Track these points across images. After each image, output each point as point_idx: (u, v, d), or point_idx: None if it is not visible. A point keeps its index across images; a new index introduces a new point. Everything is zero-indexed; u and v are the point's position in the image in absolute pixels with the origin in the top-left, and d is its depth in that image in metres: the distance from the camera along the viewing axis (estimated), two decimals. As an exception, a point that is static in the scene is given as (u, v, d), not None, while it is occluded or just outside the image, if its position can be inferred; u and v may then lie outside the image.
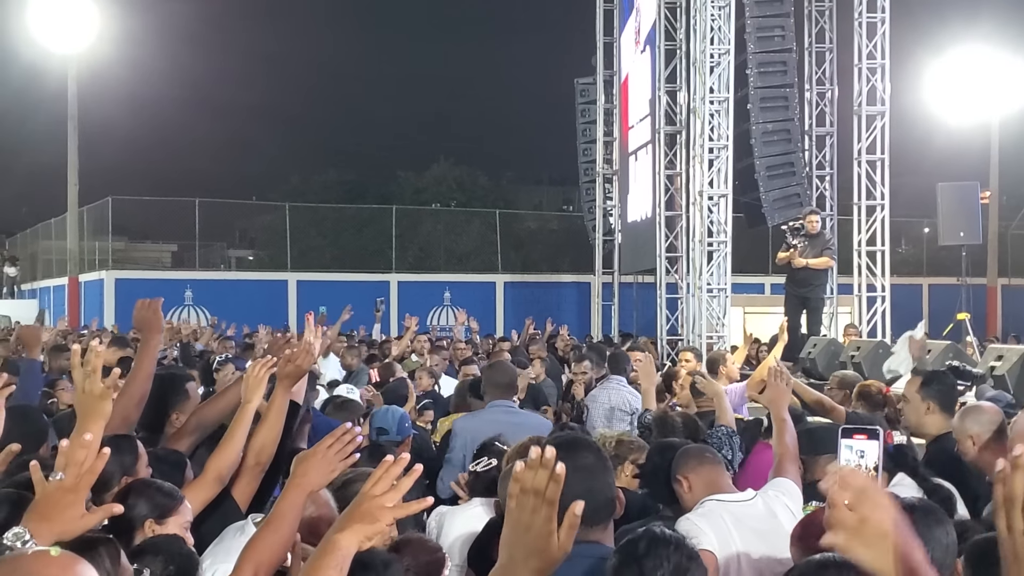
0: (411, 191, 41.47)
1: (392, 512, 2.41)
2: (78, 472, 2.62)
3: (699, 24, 16.28)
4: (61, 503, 2.58)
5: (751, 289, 26.25)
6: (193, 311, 26.34)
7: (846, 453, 2.34)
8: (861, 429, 2.36)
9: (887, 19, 17.23)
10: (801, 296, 14.42)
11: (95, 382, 3.24)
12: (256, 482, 4.13)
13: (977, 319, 21.33)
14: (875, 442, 2.32)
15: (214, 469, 4.01)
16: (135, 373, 4.68)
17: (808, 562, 2.69)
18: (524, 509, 2.17)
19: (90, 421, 3.16)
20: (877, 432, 2.34)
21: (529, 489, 2.17)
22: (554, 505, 2.18)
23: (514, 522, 2.20)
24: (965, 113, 26.45)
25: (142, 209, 33.32)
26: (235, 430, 4.16)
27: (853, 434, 2.35)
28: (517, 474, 2.18)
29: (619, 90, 24.69)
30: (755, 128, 16.00)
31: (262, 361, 4.39)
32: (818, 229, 14.29)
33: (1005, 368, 9.74)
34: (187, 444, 4.71)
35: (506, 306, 30.04)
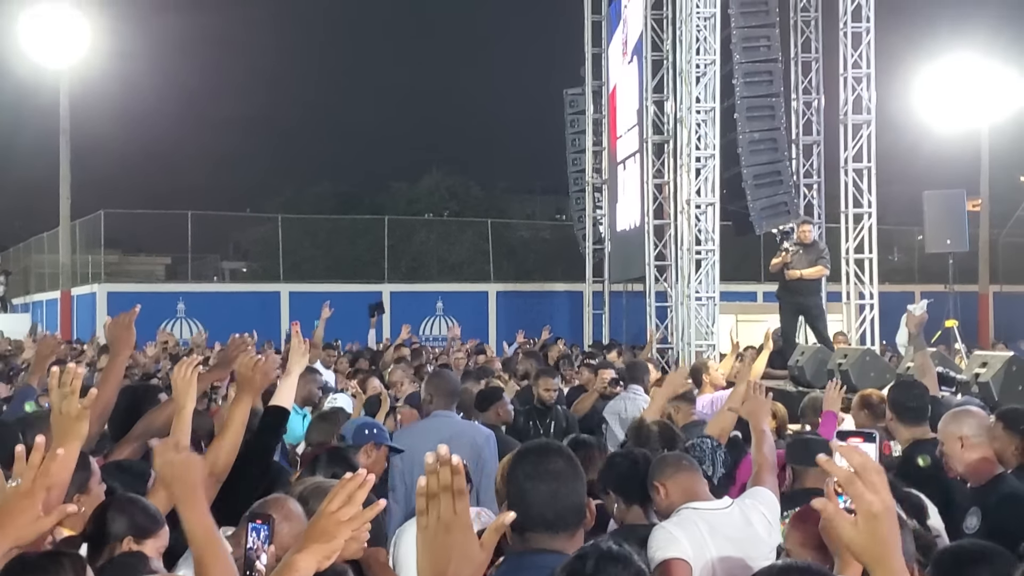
0: (404, 202, 41.49)
1: (348, 525, 2.40)
2: (33, 477, 2.62)
3: (685, 35, 16.39)
4: (15, 509, 2.59)
5: (743, 297, 26.33)
6: (186, 323, 26.36)
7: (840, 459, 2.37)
8: (858, 432, 2.39)
9: (872, 28, 17.32)
10: (796, 303, 14.41)
11: (72, 403, 3.23)
12: (212, 492, 4.02)
13: (970, 326, 21.43)
14: (872, 445, 2.35)
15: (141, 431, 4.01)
16: (101, 387, 4.55)
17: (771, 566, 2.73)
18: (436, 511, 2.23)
19: (66, 441, 3.15)
20: (873, 436, 2.37)
21: (436, 490, 2.23)
22: (464, 496, 2.25)
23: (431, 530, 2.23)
24: (955, 121, 26.55)
25: (134, 222, 33.31)
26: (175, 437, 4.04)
27: (848, 437, 2.38)
28: (420, 486, 2.24)
29: (607, 100, 24.81)
30: (742, 137, 16.07)
31: (187, 361, 4.28)
32: (812, 238, 14.31)
33: (989, 375, 9.79)
34: (130, 452, 4.66)
35: (499, 315, 30.06)
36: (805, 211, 18.79)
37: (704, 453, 5.89)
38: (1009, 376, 9.68)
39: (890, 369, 11.68)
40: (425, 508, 2.24)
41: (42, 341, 7.86)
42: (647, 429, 6.26)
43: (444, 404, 6.55)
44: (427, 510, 2.23)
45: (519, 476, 3.22)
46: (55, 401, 3.27)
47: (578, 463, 3.30)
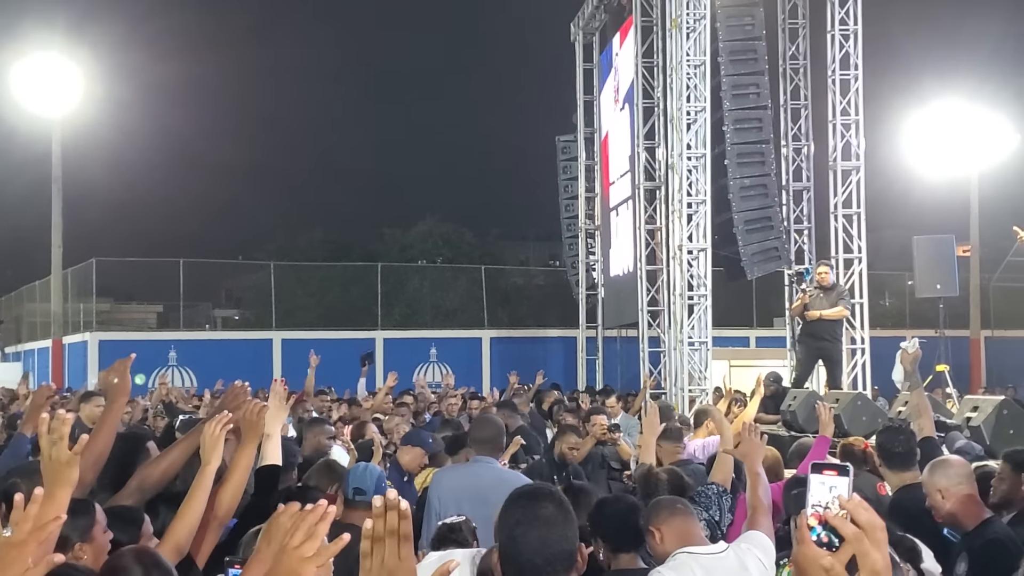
0: (397, 248, 41.51)
1: (313, 561, 2.33)
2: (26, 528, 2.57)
3: (676, 82, 16.55)
4: (5, 559, 2.54)
5: (736, 343, 26.32)
6: (178, 372, 26.30)
7: (816, 489, 2.37)
8: (832, 465, 2.39)
9: (860, 76, 17.50)
10: (817, 348, 14.36)
11: (62, 449, 3.20)
12: (214, 539, 4.07)
13: (961, 371, 21.43)
14: (845, 479, 2.35)
15: (173, 539, 3.93)
16: (95, 435, 4.55)
17: None
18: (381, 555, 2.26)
19: (56, 487, 3.12)
20: (847, 469, 2.38)
21: (383, 534, 2.26)
22: (410, 541, 2.28)
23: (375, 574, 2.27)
24: (945, 166, 26.70)
25: (126, 270, 33.28)
26: (195, 494, 4.07)
27: (823, 470, 2.38)
28: (366, 529, 2.27)
29: (600, 147, 24.97)
30: (732, 183, 16.18)
31: (218, 418, 4.31)
32: (830, 281, 14.27)
33: (980, 419, 9.82)
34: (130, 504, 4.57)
35: (493, 362, 30.04)
36: (796, 257, 18.88)
37: (710, 500, 5.88)
38: (1000, 420, 9.71)
39: (881, 413, 11.67)
40: (369, 551, 2.27)
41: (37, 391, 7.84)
42: (656, 477, 6.25)
43: (486, 450, 6.56)
44: (371, 553, 2.27)
45: (509, 521, 3.23)
46: (44, 447, 3.23)
47: (570, 508, 3.29)
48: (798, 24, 19.83)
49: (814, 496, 2.33)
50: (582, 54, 25.88)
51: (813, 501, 2.34)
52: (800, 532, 2.30)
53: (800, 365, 14.76)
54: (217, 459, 4.21)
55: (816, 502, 2.32)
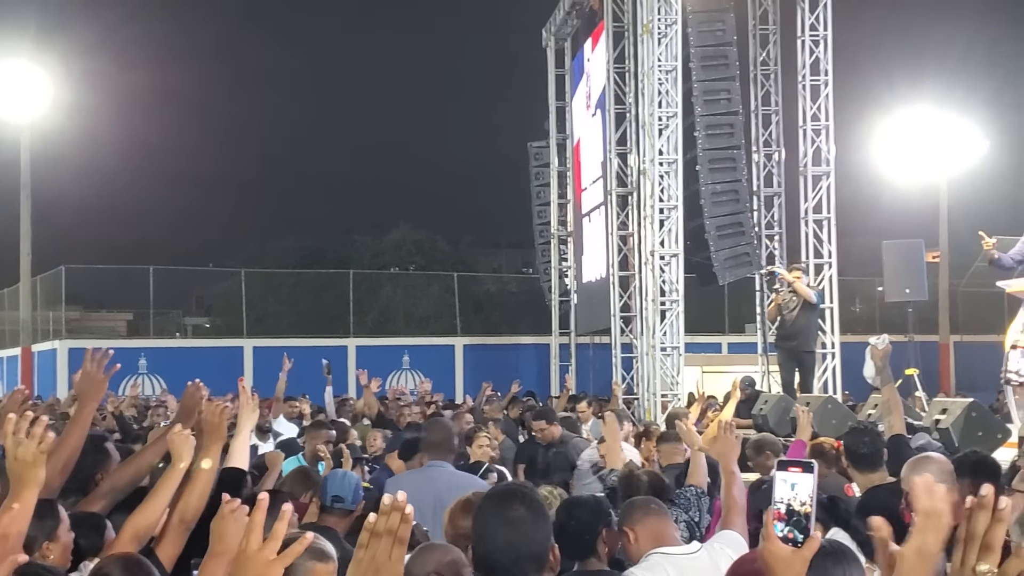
0: (369, 255, 41.46)
1: (280, 563, 2.33)
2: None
3: (647, 88, 16.58)
4: None
5: (708, 349, 26.43)
6: (148, 380, 26.12)
7: (780, 486, 2.38)
8: (797, 462, 2.40)
9: (830, 82, 17.59)
10: (790, 350, 14.38)
11: (28, 448, 3.18)
12: (181, 541, 4.05)
13: (930, 376, 21.57)
14: (810, 475, 2.36)
15: (131, 529, 3.93)
16: (65, 439, 4.55)
17: None
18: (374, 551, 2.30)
19: (23, 487, 3.12)
20: (812, 466, 2.39)
21: (382, 531, 2.27)
22: (404, 544, 2.31)
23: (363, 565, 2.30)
24: (915, 173, 26.90)
25: (96, 278, 33.09)
26: (160, 490, 4.09)
27: (788, 467, 2.40)
28: (368, 522, 2.31)
29: (572, 153, 25.00)
30: (704, 189, 16.22)
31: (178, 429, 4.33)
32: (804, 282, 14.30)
33: (949, 421, 9.90)
34: (101, 507, 4.61)
35: (466, 369, 30.01)
36: (767, 262, 18.95)
37: (689, 501, 5.89)
38: (969, 422, 9.79)
39: (851, 416, 11.75)
40: (366, 543, 2.32)
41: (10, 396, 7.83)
42: (636, 479, 6.25)
43: (439, 454, 6.60)
44: (367, 545, 2.31)
45: (481, 521, 3.25)
46: (10, 448, 3.21)
47: (543, 509, 3.29)
48: (769, 30, 19.91)
49: (778, 493, 2.35)
50: (554, 60, 25.90)
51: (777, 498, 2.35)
52: (766, 529, 2.32)
53: (782, 370, 14.80)
54: (187, 458, 4.20)
55: (779, 499, 2.35)
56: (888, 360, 7.76)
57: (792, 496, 2.33)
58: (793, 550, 2.29)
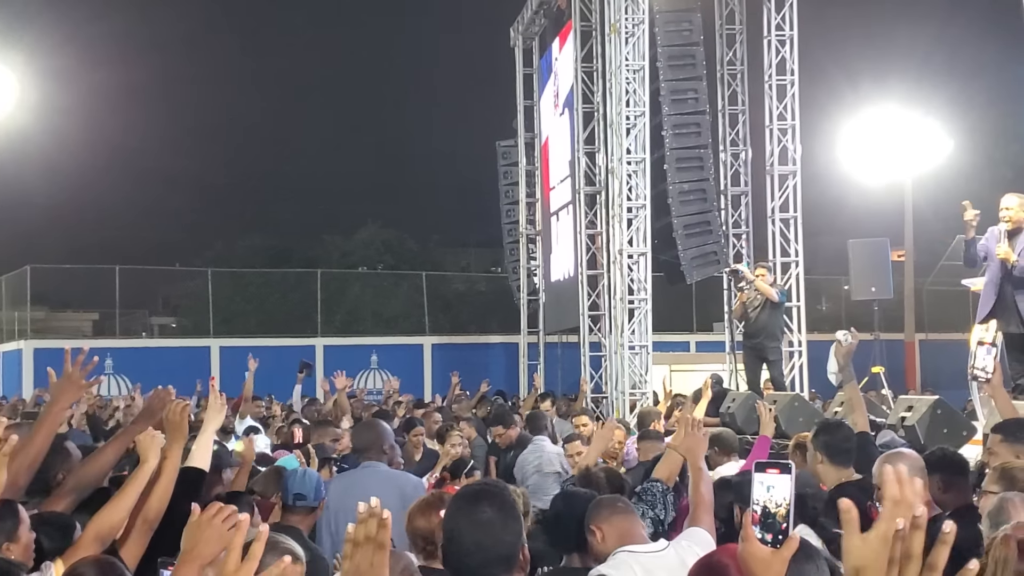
0: (337, 255, 41.37)
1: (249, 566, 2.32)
2: None
3: (615, 87, 16.63)
4: None
5: (676, 347, 26.52)
6: (115, 380, 25.95)
7: (758, 488, 2.39)
8: (774, 464, 2.41)
9: (796, 81, 17.71)
10: (755, 348, 14.40)
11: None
12: (144, 541, 4.03)
13: (896, 374, 21.72)
14: (787, 476, 2.37)
15: (94, 529, 3.91)
16: (33, 438, 4.52)
17: None
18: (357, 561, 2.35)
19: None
20: (789, 467, 2.40)
21: (361, 540, 2.29)
22: (385, 549, 2.34)
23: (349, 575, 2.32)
24: (880, 172, 27.04)
25: (62, 277, 32.84)
26: (127, 491, 4.08)
27: (766, 468, 2.40)
28: (348, 533, 2.35)
29: (540, 152, 25.02)
30: (672, 188, 16.27)
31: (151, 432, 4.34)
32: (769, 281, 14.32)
33: (915, 418, 9.96)
34: (65, 505, 4.59)
35: (434, 368, 29.98)
36: (734, 260, 19.02)
37: (655, 497, 5.88)
38: (934, 419, 9.85)
39: (818, 414, 11.80)
40: (351, 554, 2.37)
41: None
42: (595, 476, 6.26)
43: (372, 455, 6.61)
44: (352, 555, 2.36)
45: (450, 523, 3.25)
46: None
47: (513, 508, 3.28)
48: (735, 29, 20.00)
49: (756, 494, 2.36)
50: (522, 59, 25.91)
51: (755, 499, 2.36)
52: (745, 530, 2.33)
53: (747, 369, 14.83)
54: (155, 457, 4.20)
55: (757, 500, 2.36)
56: (851, 358, 7.76)
57: (769, 497, 2.34)
58: (771, 551, 2.31)
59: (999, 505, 4.29)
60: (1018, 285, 9.71)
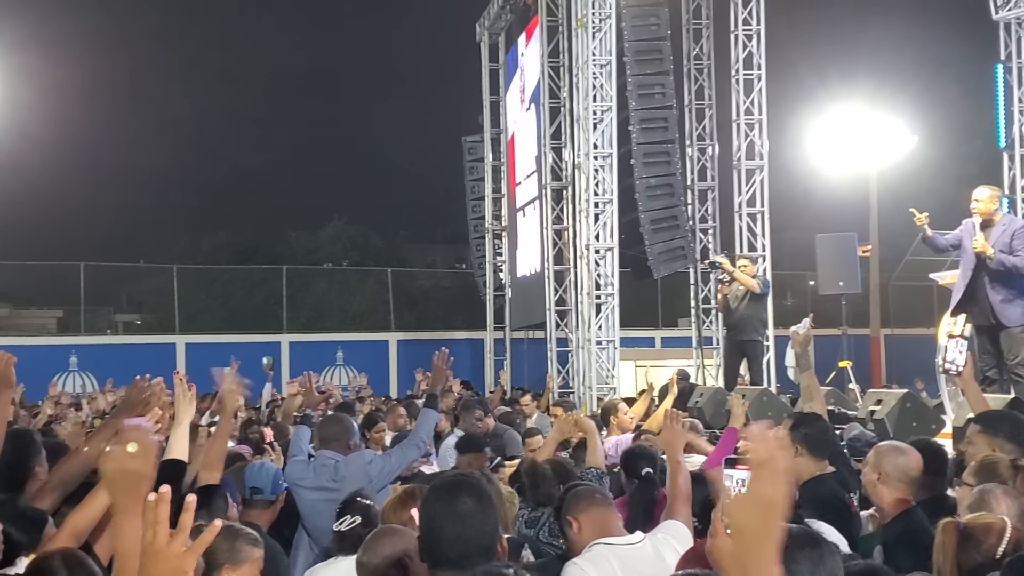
0: (303, 251, 41.24)
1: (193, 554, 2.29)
2: None
3: (582, 82, 16.59)
4: None
5: (642, 343, 26.50)
6: (79, 377, 25.72)
7: (728, 483, 2.39)
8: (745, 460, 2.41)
9: (763, 76, 17.77)
10: (736, 341, 14.36)
11: None
12: None
13: (862, 368, 21.83)
14: None
15: (71, 526, 3.86)
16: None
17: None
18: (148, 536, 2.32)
19: None
20: None
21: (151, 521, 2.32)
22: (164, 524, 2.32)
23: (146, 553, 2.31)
24: (845, 169, 27.18)
25: (25, 274, 32.50)
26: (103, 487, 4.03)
27: (736, 464, 2.40)
28: None
29: (506, 147, 24.99)
30: (639, 183, 16.27)
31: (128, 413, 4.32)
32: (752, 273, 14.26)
33: (884, 412, 10.00)
34: (52, 500, 4.56)
35: (400, 364, 29.91)
36: (701, 255, 19.09)
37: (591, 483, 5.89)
38: (903, 412, 9.87)
39: (787, 408, 11.82)
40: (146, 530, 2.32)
41: None
42: (541, 468, 6.24)
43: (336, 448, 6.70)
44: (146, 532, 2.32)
45: (428, 513, 3.22)
46: None
47: (490, 499, 3.27)
48: (702, 24, 20.07)
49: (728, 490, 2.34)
50: (488, 54, 25.89)
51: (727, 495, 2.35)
52: (714, 525, 2.32)
53: (725, 362, 14.81)
54: None
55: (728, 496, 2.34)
56: (807, 346, 7.72)
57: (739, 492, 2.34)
58: None
59: (980, 497, 4.29)
60: (994, 277, 9.73)
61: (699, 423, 9.86)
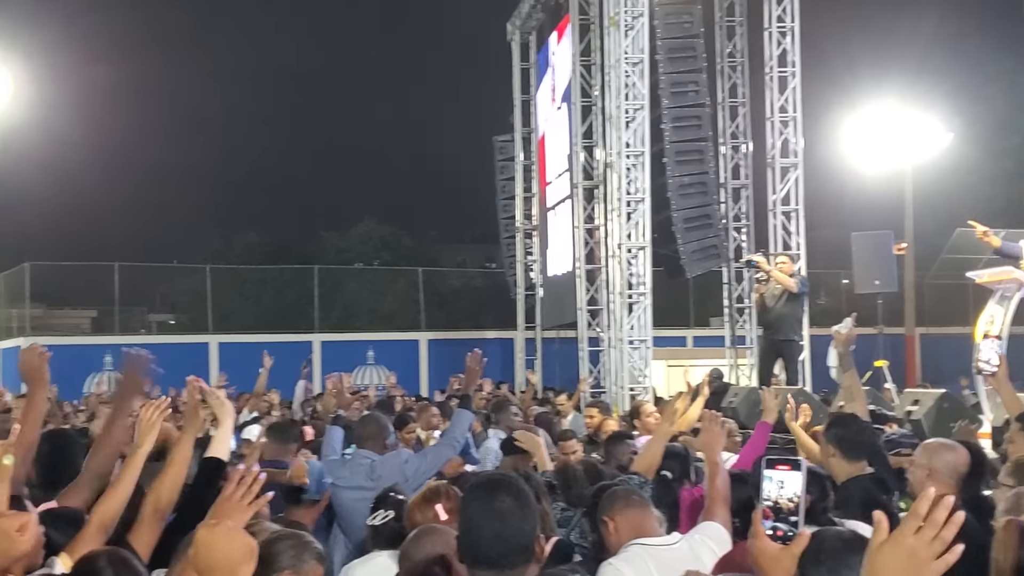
0: (334, 251, 41.41)
1: None
2: None
3: (614, 80, 16.51)
4: None
5: (673, 342, 26.39)
6: (113, 377, 25.87)
7: (768, 484, 2.36)
8: (785, 460, 2.38)
9: (798, 73, 17.64)
10: (773, 341, 14.25)
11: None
12: (157, 530, 3.98)
13: (897, 367, 21.66)
14: (797, 473, 2.34)
15: (97, 518, 3.89)
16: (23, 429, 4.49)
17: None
18: None
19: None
20: (799, 463, 2.36)
21: None
22: None
23: None
24: (879, 166, 26.99)
25: (60, 275, 32.76)
26: (124, 476, 4.05)
27: (776, 465, 2.37)
28: None
29: (537, 146, 24.95)
30: (671, 181, 16.20)
31: (155, 403, 4.28)
32: (791, 271, 14.15)
33: (921, 412, 9.93)
34: (86, 496, 4.56)
35: (430, 364, 29.96)
36: (735, 254, 18.99)
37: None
38: (940, 413, 9.82)
39: (823, 408, 11.73)
40: None
41: None
42: (573, 469, 6.22)
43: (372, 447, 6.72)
44: None
45: (466, 513, 3.20)
46: None
47: (528, 498, 3.23)
48: (735, 21, 19.97)
49: (766, 491, 2.32)
50: (519, 53, 25.86)
51: (765, 496, 2.32)
52: (754, 527, 2.29)
53: (760, 361, 14.72)
54: (150, 443, 4.17)
55: (767, 496, 2.35)
56: (850, 346, 7.64)
57: (779, 493, 2.33)
58: (781, 547, 2.28)
59: (1016, 501, 4.24)
60: None
61: (734, 424, 9.75)
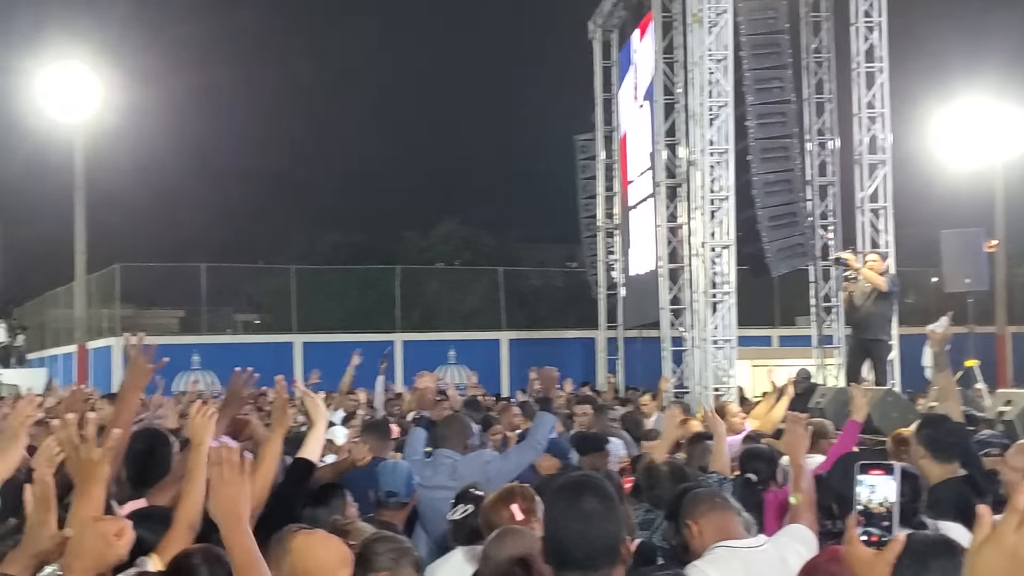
0: (415, 251, 41.73)
1: None
2: None
3: (697, 77, 16.33)
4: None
5: (758, 342, 26.15)
6: (201, 376, 26.29)
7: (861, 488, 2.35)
8: (878, 465, 2.36)
9: (885, 68, 17.33)
10: (861, 340, 14.07)
11: (90, 448, 3.22)
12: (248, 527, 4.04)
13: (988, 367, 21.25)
14: (891, 478, 2.32)
15: (183, 518, 3.93)
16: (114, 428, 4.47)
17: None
18: None
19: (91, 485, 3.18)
20: (892, 467, 2.34)
21: None
22: None
23: None
24: (968, 162, 26.51)
25: (149, 276, 33.40)
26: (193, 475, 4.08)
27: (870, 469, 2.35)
28: None
29: (618, 145, 24.87)
30: (756, 179, 16.03)
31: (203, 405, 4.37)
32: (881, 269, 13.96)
33: (1014, 413, 9.70)
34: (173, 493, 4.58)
35: (511, 363, 30.03)
36: (822, 252, 18.74)
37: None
38: (1036, 413, 9.58)
39: (912, 409, 11.52)
40: None
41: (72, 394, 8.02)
42: (657, 470, 6.20)
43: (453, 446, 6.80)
44: None
45: (552, 514, 3.20)
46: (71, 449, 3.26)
47: (614, 499, 3.23)
48: (821, 17, 19.68)
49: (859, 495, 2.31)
50: (600, 51, 25.80)
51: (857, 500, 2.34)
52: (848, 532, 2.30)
53: (848, 361, 14.53)
54: (207, 440, 4.19)
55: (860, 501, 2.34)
56: (945, 346, 7.49)
57: (872, 498, 2.32)
58: (875, 552, 2.27)
59: None
60: None
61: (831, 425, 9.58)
